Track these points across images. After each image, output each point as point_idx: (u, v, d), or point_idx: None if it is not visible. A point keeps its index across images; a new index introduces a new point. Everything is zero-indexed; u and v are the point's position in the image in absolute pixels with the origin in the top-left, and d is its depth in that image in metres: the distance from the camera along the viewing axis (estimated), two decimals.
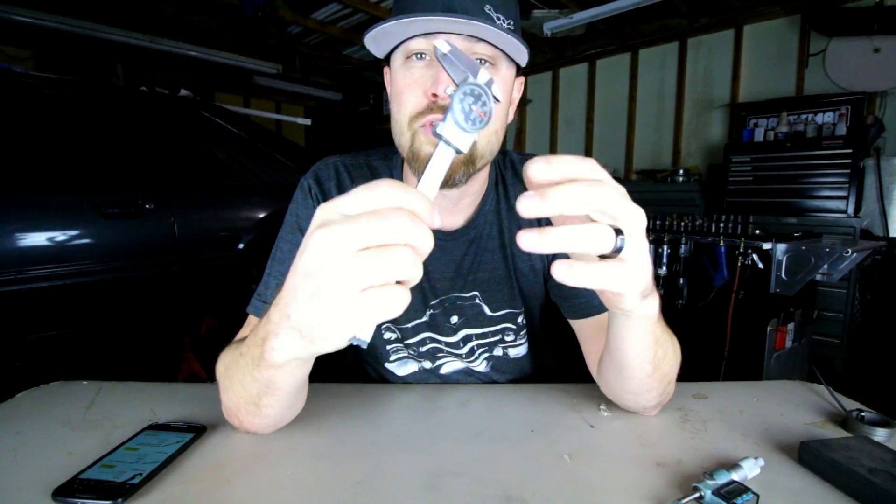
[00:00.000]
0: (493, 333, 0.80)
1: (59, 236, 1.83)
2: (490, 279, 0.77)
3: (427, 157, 0.55)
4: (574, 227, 0.34)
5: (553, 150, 5.28)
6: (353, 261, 0.32)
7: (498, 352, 0.82)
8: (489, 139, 0.64)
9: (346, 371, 0.92)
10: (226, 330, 2.27)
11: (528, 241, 0.34)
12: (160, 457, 0.51)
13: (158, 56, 4.24)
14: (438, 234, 0.74)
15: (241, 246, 2.30)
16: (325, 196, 0.73)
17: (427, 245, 0.33)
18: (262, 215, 2.38)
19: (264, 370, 0.47)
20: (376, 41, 0.62)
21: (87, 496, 0.44)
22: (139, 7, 3.62)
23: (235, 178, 2.42)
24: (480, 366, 0.82)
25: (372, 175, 0.77)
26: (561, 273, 0.35)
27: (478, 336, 0.80)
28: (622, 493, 0.47)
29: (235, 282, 2.27)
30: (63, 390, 0.72)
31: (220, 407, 0.59)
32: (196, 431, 0.57)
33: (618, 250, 0.36)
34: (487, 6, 0.58)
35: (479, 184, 0.74)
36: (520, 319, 0.81)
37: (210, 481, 0.49)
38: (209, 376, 0.56)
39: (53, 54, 3.87)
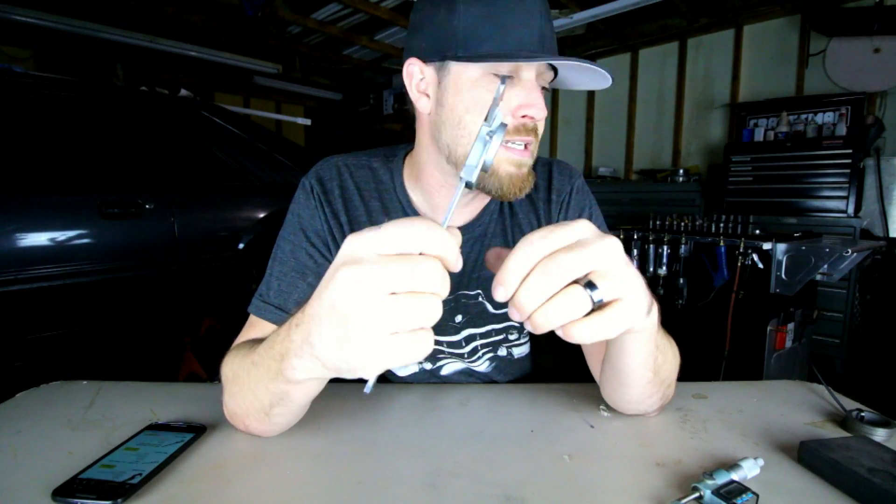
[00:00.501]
0: (497, 332, 0.80)
1: (59, 236, 1.83)
2: (492, 278, 0.77)
3: (507, 176, 0.63)
4: (544, 308, 0.35)
5: (553, 150, 5.28)
6: (385, 305, 0.33)
7: (502, 352, 0.82)
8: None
9: None
10: (226, 330, 2.27)
11: (513, 314, 0.36)
12: (160, 457, 0.51)
13: (158, 56, 4.24)
14: None
15: (241, 246, 2.30)
16: (328, 196, 0.73)
17: (446, 291, 0.35)
18: (262, 215, 2.38)
19: (281, 384, 0.47)
20: (448, 46, 0.60)
21: (86, 496, 0.44)
22: (139, 7, 3.62)
23: (235, 178, 2.43)
24: (482, 366, 0.82)
25: (373, 176, 0.77)
26: (566, 336, 0.36)
27: (481, 335, 0.80)
28: (622, 492, 0.47)
29: (235, 282, 2.27)
30: (63, 390, 0.72)
31: (221, 407, 0.58)
32: (196, 431, 0.57)
33: (598, 303, 0.36)
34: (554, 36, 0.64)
35: None
36: None
37: (210, 481, 0.49)
38: (209, 376, 0.57)
39: (53, 54, 3.87)
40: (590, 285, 0.35)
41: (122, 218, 1.96)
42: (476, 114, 0.61)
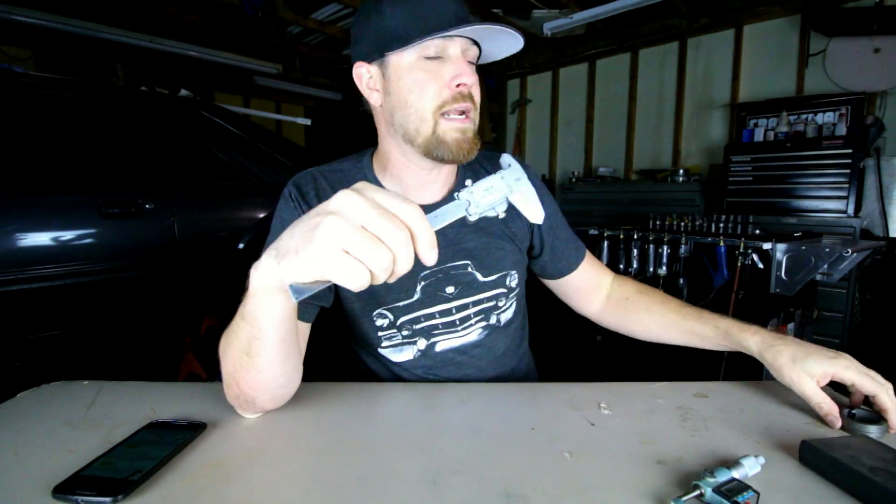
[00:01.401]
0: (488, 300, 0.85)
1: (59, 236, 1.83)
2: (477, 248, 0.84)
3: (454, 142, 0.73)
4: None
5: (553, 149, 5.29)
6: (352, 228, 0.40)
7: (493, 319, 0.87)
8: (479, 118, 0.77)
9: (343, 365, 0.93)
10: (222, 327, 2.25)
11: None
12: (160, 454, 0.51)
13: (158, 56, 4.24)
14: (422, 207, 0.81)
15: (241, 246, 2.30)
16: (305, 198, 0.81)
17: (403, 268, 0.40)
18: (262, 215, 2.38)
19: (248, 305, 0.52)
20: (378, 43, 0.72)
21: (87, 493, 0.44)
22: (139, 7, 3.62)
23: (235, 178, 2.42)
24: (473, 335, 0.85)
25: (345, 177, 0.84)
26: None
27: (473, 304, 0.85)
28: (623, 490, 0.47)
29: (235, 282, 2.27)
30: (63, 390, 0.72)
31: (221, 405, 0.59)
32: (196, 429, 0.57)
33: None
34: (475, 18, 0.72)
35: (450, 167, 0.85)
36: (508, 281, 0.87)
37: (210, 478, 0.49)
38: (209, 376, 0.57)
39: (53, 54, 3.87)
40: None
41: (122, 218, 1.96)
42: (417, 93, 0.71)
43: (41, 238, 1.79)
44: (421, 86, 0.71)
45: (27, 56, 3.82)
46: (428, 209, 0.84)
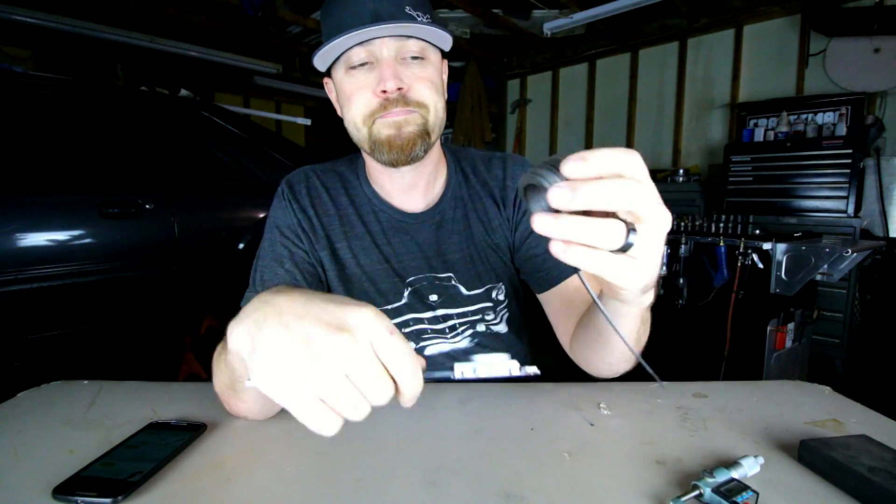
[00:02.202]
0: (473, 313, 0.84)
1: (59, 236, 1.83)
2: (461, 260, 0.82)
3: (387, 139, 0.70)
4: (587, 221, 0.33)
5: (553, 150, 5.28)
6: (338, 377, 0.34)
7: (481, 328, 0.85)
8: (437, 114, 0.73)
9: None
10: (226, 330, 2.25)
11: (542, 223, 0.33)
12: (160, 455, 0.51)
13: (158, 56, 4.24)
14: (404, 216, 0.82)
15: (241, 246, 2.30)
16: (296, 195, 0.82)
17: (379, 399, 0.35)
18: (262, 215, 2.38)
19: (230, 355, 0.47)
20: (322, 59, 0.71)
21: (87, 493, 0.44)
22: (139, 7, 3.62)
23: (235, 177, 2.42)
24: (463, 342, 0.84)
25: (339, 177, 0.85)
26: (557, 251, 0.34)
27: (458, 315, 0.83)
28: (622, 490, 0.47)
29: (235, 282, 2.27)
30: (64, 390, 0.72)
31: (221, 406, 0.59)
32: (196, 430, 0.57)
33: (625, 248, 0.35)
34: (407, 7, 0.68)
35: (432, 164, 0.81)
36: (495, 295, 0.84)
37: (210, 479, 0.49)
38: (209, 376, 0.57)
39: (53, 54, 3.87)
40: (632, 228, 0.35)
41: (122, 218, 1.96)
42: (347, 106, 0.72)
43: (41, 238, 1.79)
44: (348, 98, 0.72)
45: (27, 56, 3.82)
46: (416, 218, 0.81)
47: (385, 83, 0.67)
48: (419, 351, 0.83)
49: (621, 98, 4.71)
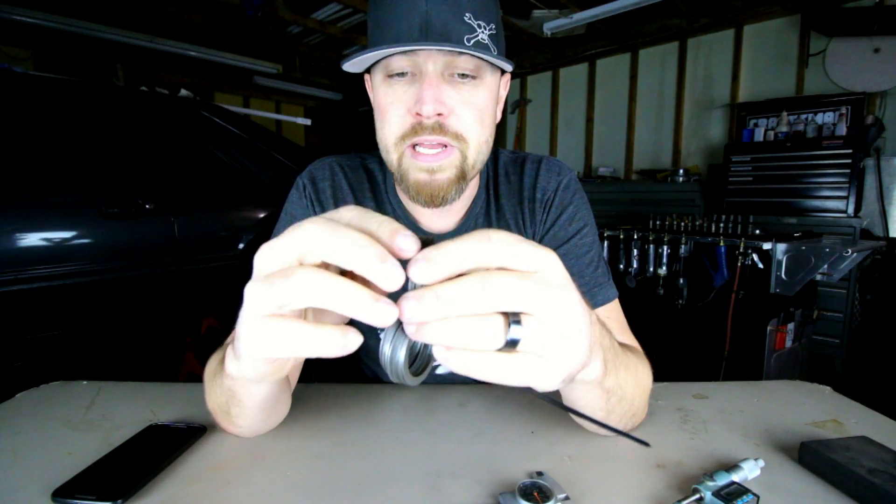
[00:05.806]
0: None
1: (59, 236, 1.83)
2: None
3: (415, 184, 0.62)
4: (454, 323, 0.28)
5: (553, 150, 5.28)
6: (264, 279, 0.30)
7: None
8: (480, 149, 0.64)
9: (343, 371, 0.93)
10: (226, 330, 2.26)
11: (411, 311, 0.27)
12: (160, 458, 0.51)
13: (158, 56, 4.24)
14: (430, 237, 0.74)
15: (241, 246, 2.30)
16: (319, 195, 0.74)
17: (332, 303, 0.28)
18: (262, 215, 2.38)
19: (226, 378, 0.47)
20: (358, 63, 0.61)
21: (86, 496, 0.44)
22: (139, 7, 3.62)
23: (235, 178, 2.42)
24: None
25: (367, 176, 0.77)
26: (441, 357, 0.29)
27: None
28: (623, 494, 0.47)
29: (236, 282, 2.27)
30: (63, 390, 0.72)
31: None
32: (196, 432, 0.57)
33: (511, 343, 0.29)
34: (467, 14, 0.57)
35: (470, 190, 0.74)
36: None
37: (209, 482, 0.49)
38: None
39: (53, 54, 3.87)
40: (515, 320, 0.29)
41: (122, 218, 1.95)
42: (380, 119, 0.63)
43: (41, 238, 1.79)
44: (382, 111, 0.62)
45: (27, 56, 3.82)
46: (440, 237, 0.71)
47: (422, 105, 0.57)
48: (434, 368, 0.80)
49: (621, 98, 4.71)
